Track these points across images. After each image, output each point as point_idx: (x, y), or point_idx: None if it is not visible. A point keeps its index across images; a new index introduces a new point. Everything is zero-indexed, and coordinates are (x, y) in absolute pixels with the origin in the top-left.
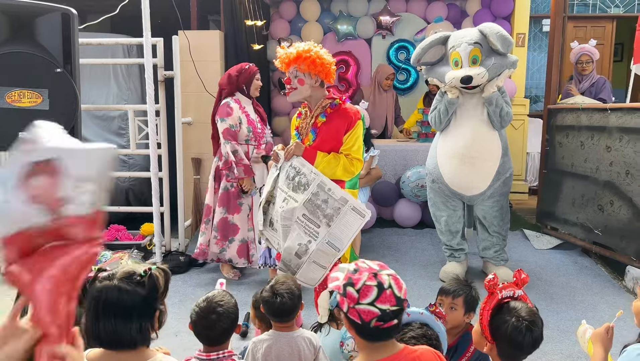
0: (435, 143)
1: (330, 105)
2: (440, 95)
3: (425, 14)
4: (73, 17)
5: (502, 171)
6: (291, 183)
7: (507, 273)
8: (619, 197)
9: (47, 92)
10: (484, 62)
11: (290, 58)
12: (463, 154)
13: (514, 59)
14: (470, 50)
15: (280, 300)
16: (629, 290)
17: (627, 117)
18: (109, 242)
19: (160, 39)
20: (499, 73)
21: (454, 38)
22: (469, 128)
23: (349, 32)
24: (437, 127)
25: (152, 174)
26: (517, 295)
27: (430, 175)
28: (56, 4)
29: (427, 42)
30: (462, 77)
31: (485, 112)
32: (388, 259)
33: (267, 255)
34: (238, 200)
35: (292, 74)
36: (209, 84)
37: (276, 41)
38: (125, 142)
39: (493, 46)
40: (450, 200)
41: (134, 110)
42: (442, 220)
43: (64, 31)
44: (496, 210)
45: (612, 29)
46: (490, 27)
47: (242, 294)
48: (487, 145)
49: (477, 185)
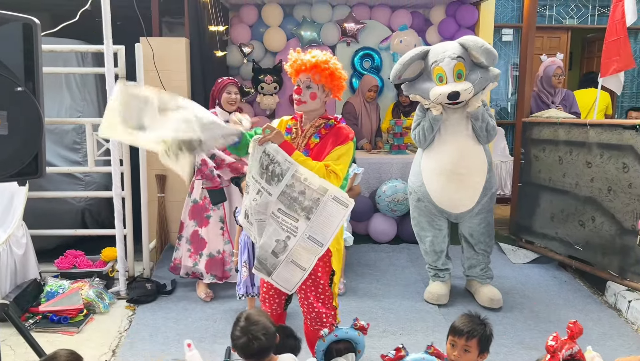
0: (418, 160)
1: (325, 125)
2: (421, 111)
3: (390, 21)
4: (36, 27)
5: (489, 186)
6: (265, 173)
7: (493, 292)
8: (601, 213)
9: (6, 114)
10: (468, 76)
11: (307, 65)
12: (450, 170)
13: (497, 72)
14: (454, 65)
15: (258, 344)
16: (610, 305)
17: (607, 133)
18: (66, 270)
19: (121, 47)
20: (483, 87)
21: (435, 53)
22: (454, 144)
23: (312, 39)
24: (422, 145)
25: (115, 194)
26: (575, 352)
27: (414, 193)
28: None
29: (407, 57)
30: (449, 93)
31: (470, 127)
32: (368, 279)
33: (250, 284)
34: (206, 213)
35: (304, 83)
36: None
37: (237, 47)
38: (81, 158)
39: (476, 59)
40: (436, 220)
41: (92, 124)
42: (427, 241)
43: (26, 44)
44: (483, 227)
45: (567, 40)
46: (473, 40)
47: (219, 325)
48: (474, 161)
49: (465, 202)
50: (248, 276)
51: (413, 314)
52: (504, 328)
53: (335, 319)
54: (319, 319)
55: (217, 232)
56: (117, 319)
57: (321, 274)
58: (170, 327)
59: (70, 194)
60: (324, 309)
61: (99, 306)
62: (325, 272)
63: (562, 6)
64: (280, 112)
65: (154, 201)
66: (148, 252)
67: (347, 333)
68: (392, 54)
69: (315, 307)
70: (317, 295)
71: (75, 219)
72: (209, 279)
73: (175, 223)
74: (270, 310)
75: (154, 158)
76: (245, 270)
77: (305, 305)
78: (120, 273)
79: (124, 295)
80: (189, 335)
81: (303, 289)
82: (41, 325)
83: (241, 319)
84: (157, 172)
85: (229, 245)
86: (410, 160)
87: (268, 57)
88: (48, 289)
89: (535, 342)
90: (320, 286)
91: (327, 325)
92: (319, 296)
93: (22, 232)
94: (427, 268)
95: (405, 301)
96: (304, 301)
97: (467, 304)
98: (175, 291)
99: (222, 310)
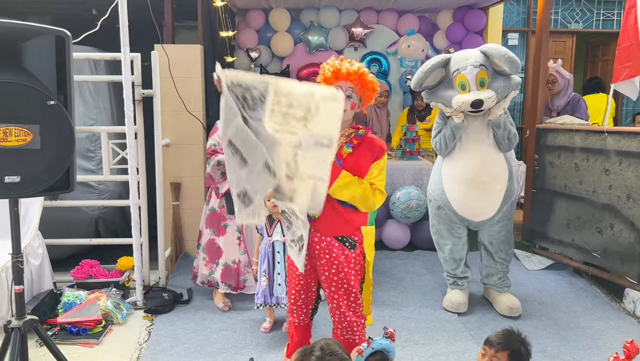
0: (438, 168)
1: (356, 135)
2: (441, 119)
3: (397, 26)
4: (68, 39)
5: (509, 194)
6: (244, 103)
7: (512, 300)
8: (619, 221)
9: (38, 128)
10: (491, 84)
11: (353, 75)
12: (472, 179)
13: (518, 80)
14: (477, 73)
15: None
16: (629, 312)
17: (626, 140)
18: (82, 281)
19: (137, 55)
20: (505, 95)
21: (457, 60)
22: (476, 152)
23: (320, 44)
24: (443, 153)
25: (132, 203)
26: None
27: (435, 201)
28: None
29: (429, 65)
30: (473, 101)
31: (491, 135)
32: (385, 286)
33: (268, 294)
34: (223, 222)
35: (346, 92)
36: (189, 102)
37: (244, 51)
38: (94, 166)
39: (498, 67)
40: (456, 228)
41: (107, 133)
42: (446, 249)
43: (58, 56)
44: (503, 235)
45: (572, 44)
46: (496, 48)
47: (239, 335)
48: (495, 169)
49: (486, 210)
50: (267, 286)
51: (433, 323)
52: (525, 336)
53: (364, 328)
54: (350, 328)
55: (233, 241)
56: (135, 330)
57: (354, 282)
58: (190, 338)
59: (87, 203)
60: (355, 317)
61: (117, 317)
62: (357, 279)
63: (568, 10)
64: None
65: (169, 209)
66: (164, 261)
67: (382, 344)
68: (400, 59)
69: (347, 316)
70: (349, 303)
71: (89, 228)
72: (223, 289)
73: (190, 231)
74: (298, 320)
75: (169, 166)
76: (265, 279)
77: (337, 314)
78: (137, 283)
79: (141, 305)
80: (210, 346)
81: (335, 298)
82: (60, 337)
83: (316, 348)
84: (172, 179)
85: (244, 255)
86: (423, 167)
87: (275, 62)
88: (65, 300)
89: (557, 351)
90: (353, 294)
91: (357, 333)
92: (351, 304)
93: (38, 242)
94: (446, 276)
95: (425, 310)
96: (335, 311)
97: (486, 312)
98: (192, 300)
99: (240, 320)
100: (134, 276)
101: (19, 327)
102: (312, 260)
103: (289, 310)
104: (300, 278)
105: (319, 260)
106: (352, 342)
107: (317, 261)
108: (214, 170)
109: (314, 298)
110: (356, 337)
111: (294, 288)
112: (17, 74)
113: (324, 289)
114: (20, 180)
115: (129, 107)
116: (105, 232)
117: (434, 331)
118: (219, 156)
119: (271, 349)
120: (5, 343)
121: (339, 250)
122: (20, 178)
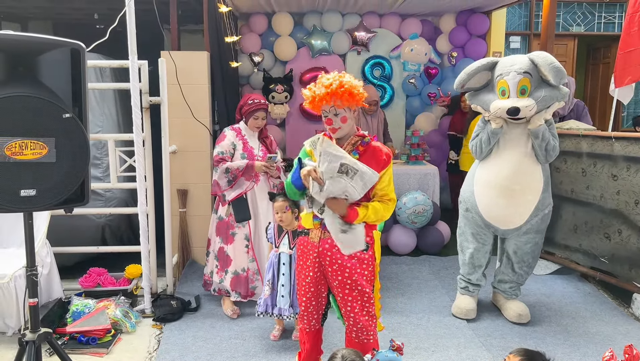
0: (473, 170)
1: (361, 142)
2: (482, 122)
3: (400, 30)
4: (83, 52)
5: (541, 207)
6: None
7: (521, 307)
8: (627, 226)
9: (54, 141)
10: (533, 93)
11: (326, 98)
12: (503, 185)
13: (565, 91)
14: (519, 80)
15: None
16: (637, 317)
17: (634, 146)
18: (90, 289)
19: (145, 62)
20: (548, 105)
21: (502, 65)
22: (511, 159)
23: (323, 48)
24: (478, 156)
25: (140, 211)
26: None
27: (464, 203)
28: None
29: (474, 67)
30: (509, 108)
31: (529, 144)
32: (393, 292)
33: (270, 304)
34: (231, 230)
35: (331, 112)
36: (196, 109)
37: (247, 56)
38: (101, 173)
39: (544, 77)
40: (481, 233)
41: (114, 140)
42: (467, 252)
43: (73, 69)
44: (529, 247)
45: (573, 47)
46: (544, 57)
47: (249, 343)
48: (529, 178)
49: (513, 219)
50: (270, 295)
51: (443, 330)
52: (535, 342)
53: (376, 328)
54: (365, 330)
55: (242, 249)
56: (145, 339)
57: (366, 283)
58: (200, 346)
59: (95, 211)
60: (369, 319)
61: (126, 325)
62: (369, 280)
63: (569, 14)
64: (291, 121)
65: (176, 216)
66: (171, 268)
67: (387, 356)
68: (403, 63)
69: (361, 319)
70: (363, 305)
71: (96, 235)
72: (234, 297)
73: (197, 238)
74: (309, 326)
75: (175, 173)
76: (268, 288)
77: (351, 317)
78: (146, 291)
79: (149, 313)
80: (220, 355)
81: (349, 302)
82: (69, 346)
83: (337, 357)
84: (179, 186)
85: (253, 263)
86: (428, 171)
87: (278, 66)
88: (74, 309)
89: (568, 357)
90: (366, 295)
91: (371, 334)
92: (364, 305)
93: (46, 250)
94: (459, 279)
95: (433, 316)
96: (349, 314)
97: (495, 318)
98: (200, 308)
99: (250, 328)
100: (142, 284)
101: (34, 340)
102: (322, 266)
103: (299, 317)
104: (310, 286)
105: (331, 266)
106: (367, 343)
107: (328, 267)
108: (221, 178)
109: (324, 303)
110: (370, 337)
111: (305, 296)
112: (33, 87)
113: (337, 294)
114: (35, 193)
115: (137, 115)
116: (112, 239)
117: (444, 338)
118: (227, 164)
119: (282, 357)
120: (19, 356)
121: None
122: (36, 191)
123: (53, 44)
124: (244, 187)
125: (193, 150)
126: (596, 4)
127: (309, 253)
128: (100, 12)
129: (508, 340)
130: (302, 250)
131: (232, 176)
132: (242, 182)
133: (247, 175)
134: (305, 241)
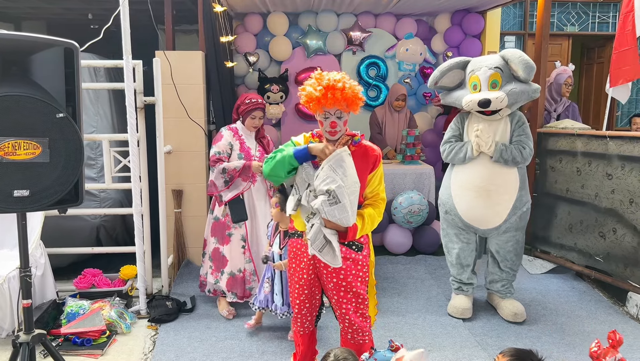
0: (449, 172)
1: (352, 142)
2: (455, 124)
3: (395, 30)
4: (77, 51)
5: (519, 205)
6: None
7: (516, 306)
8: (622, 225)
9: (47, 141)
10: (503, 86)
11: (335, 101)
12: (479, 186)
13: (535, 87)
14: (490, 74)
15: None
16: (632, 316)
17: (629, 145)
18: (85, 290)
19: (139, 62)
20: (518, 100)
21: (474, 62)
22: (485, 160)
23: (318, 48)
24: (449, 162)
25: (135, 212)
26: (618, 359)
27: (443, 206)
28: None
29: (446, 65)
30: (480, 100)
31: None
32: (389, 292)
33: (270, 300)
34: (227, 231)
35: (335, 115)
36: (191, 109)
37: (242, 56)
38: (95, 174)
39: (514, 72)
40: (464, 233)
41: (108, 140)
42: (453, 253)
43: (67, 68)
44: (511, 245)
45: (568, 47)
46: (513, 52)
47: (245, 344)
48: (504, 178)
49: (492, 218)
50: (270, 292)
51: (439, 329)
52: (531, 341)
53: (370, 328)
54: (361, 330)
55: (238, 250)
56: (140, 340)
57: (361, 284)
58: (196, 347)
59: (90, 211)
60: (363, 320)
61: (121, 326)
62: (364, 281)
63: (564, 13)
64: (286, 120)
65: (171, 216)
66: (166, 269)
67: (386, 356)
68: (398, 62)
69: (355, 321)
70: (357, 307)
71: (90, 236)
72: (230, 298)
73: (192, 238)
74: (302, 328)
75: (170, 173)
76: (268, 285)
77: (346, 320)
78: (141, 292)
79: (145, 313)
80: (216, 355)
81: (344, 304)
82: (64, 348)
83: (330, 355)
84: (174, 187)
85: (250, 263)
86: (424, 171)
87: (273, 66)
88: (68, 310)
89: (564, 356)
90: (360, 297)
91: (366, 334)
92: (358, 307)
93: (40, 251)
94: (451, 281)
95: (430, 316)
96: (344, 316)
97: (491, 318)
98: (195, 308)
99: (245, 329)
100: (137, 285)
101: (28, 342)
102: (316, 269)
103: (293, 319)
104: (304, 288)
105: (325, 268)
106: (363, 343)
107: (322, 270)
108: (218, 178)
109: (318, 305)
110: (366, 338)
111: (299, 298)
112: (27, 86)
113: (331, 297)
114: (29, 194)
115: (131, 115)
116: (106, 239)
117: (440, 337)
118: (223, 164)
119: (277, 358)
120: (13, 357)
121: (345, 254)
122: (29, 192)
123: (46, 43)
124: (241, 188)
125: (188, 150)
126: (590, 4)
127: (302, 255)
128: (94, 12)
129: (504, 339)
130: (295, 253)
131: (229, 176)
132: (239, 183)
133: (244, 175)
134: (298, 243)
